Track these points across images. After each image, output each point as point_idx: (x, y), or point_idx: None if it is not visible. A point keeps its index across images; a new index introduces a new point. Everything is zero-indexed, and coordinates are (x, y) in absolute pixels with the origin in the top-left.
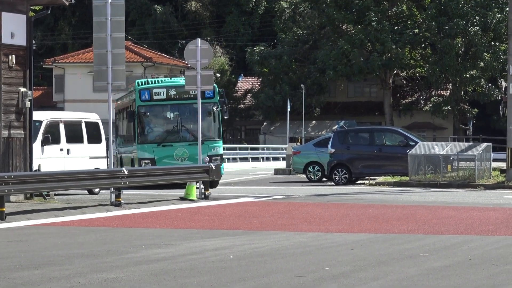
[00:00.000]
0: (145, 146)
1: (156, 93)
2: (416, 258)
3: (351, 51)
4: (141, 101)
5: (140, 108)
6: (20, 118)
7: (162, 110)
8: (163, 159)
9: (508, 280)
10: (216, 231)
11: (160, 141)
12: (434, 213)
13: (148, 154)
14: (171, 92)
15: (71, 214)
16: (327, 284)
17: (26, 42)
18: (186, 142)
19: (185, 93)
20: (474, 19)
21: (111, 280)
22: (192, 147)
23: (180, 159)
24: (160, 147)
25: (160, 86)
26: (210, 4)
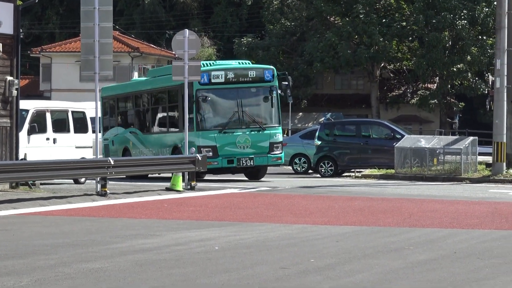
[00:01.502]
0: (205, 133)
1: (214, 76)
2: (401, 251)
3: (338, 43)
4: (200, 85)
5: (200, 92)
6: (6, 107)
7: (221, 94)
8: (225, 146)
9: (493, 273)
10: (202, 222)
11: (222, 128)
12: (419, 206)
13: (209, 142)
14: (229, 75)
15: (57, 203)
16: (312, 276)
17: (13, 31)
18: (248, 129)
19: (244, 76)
20: (461, 12)
21: (96, 270)
22: (253, 134)
23: (242, 146)
24: (222, 134)
25: (219, 69)
26: None
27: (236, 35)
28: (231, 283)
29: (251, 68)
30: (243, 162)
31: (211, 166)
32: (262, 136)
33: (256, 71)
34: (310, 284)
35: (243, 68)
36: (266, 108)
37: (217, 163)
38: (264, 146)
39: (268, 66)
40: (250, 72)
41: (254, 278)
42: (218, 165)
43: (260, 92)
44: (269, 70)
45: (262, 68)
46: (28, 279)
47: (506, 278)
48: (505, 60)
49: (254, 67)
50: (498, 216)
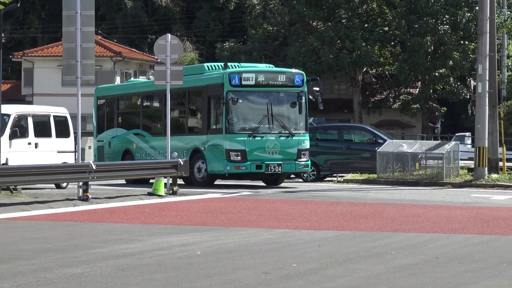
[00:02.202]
0: (234, 136)
1: (245, 78)
2: (383, 256)
3: (321, 48)
4: (231, 86)
5: (230, 94)
6: None
7: (251, 97)
8: (254, 151)
9: (475, 278)
10: (184, 227)
11: (251, 132)
12: (401, 211)
13: (238, 145)
14: (260, 78)
15: (38, 208)
16: (294, 281)
17: None
18: (277, 134)
19: (274, 79)
20: (443, 17)
21: (78, 275)
22: (282, 140)
23: (271, 152)
24: (251, 138)
25: (249, 71)
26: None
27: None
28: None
29: (281, 72)
30: (271, 168)
31: (240, 171)
32: (290, 142)
33: (286, 75)
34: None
35: (273, 71)
36: (295, 113)
37: (245, 168)
38: (292, 152)
39: (298, 71)
40: (281, 76)
41: (236, 283)
42: (246, 170)
43: (289, 97)
44: (299, 75)
45: (292, 72)
46: (9, 284)
47: (488, 283)
48: (487, 65)
49: (284, 71)
50: (479, 221)
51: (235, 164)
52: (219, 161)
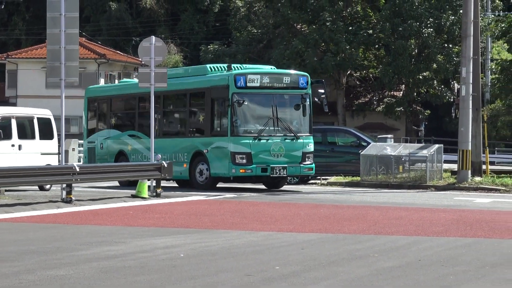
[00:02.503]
0: (240, 139)
1: (250, 80)
2: (366, 258)
3: (305, 50)
4: (237, 88)
5: (236, 96)
6: None
7: (256, 99)
8: (259, 154)
9: (457, 281)
10: (167, 229)
11: (257, 134)
12: (385, 214)
13: (244, 148)
14: (264, 80)
15: (22, 210)
16: (277, 283)
17: None
18: (282, 137)
19: (279, 81)
20: (428, 21)
21: (61, 277)
22: (287, 143)
23: (276, 155)
24: (257, 141)
25: (254, 72)
26: (165, 1)
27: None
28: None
29: (286, 74)
30: (276, 171)
31: (245, 174)
32: (295, 145)
33: (291, 77)
34: None
35: (278, 73)
36: (299, 116)
37: (251, 171)
38: (297, 155)
39: (303, 73)
40: (285, 78)
41: (219, 285)
42: (252, 173)
43: (294, 99)
44: (304, 77)
45: (296, 75)
46: None
47: (470, 286)
48: (471, 68)
49: (289, 73)
50: (463, 223)
51: (241, 167)
52: (224, 164)
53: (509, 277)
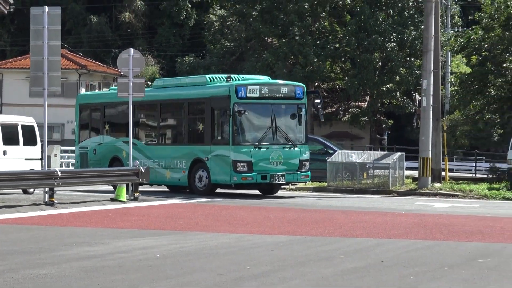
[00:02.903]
0: (241, 148)
1: (250, 90)
2: (332, 259)
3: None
4: (238, 98)
5: (237, 106)
6: None
7: (256, 109)
8: (260, 162)
9: (417, 281)
10: (144, 231)
11: (257, 143)
12: (350, 218)
13: (245, 156)
14: (263, 90)
15: (6, 212)
16: (248, 283)
17: None
18: (280, 145)
19: (277, 91)
20: (391, 35)
21: (43, 276)
22: (286, 151)
23: (275, 163)
24: (257, 150)
25: (254, 83)
26: (143, 15)
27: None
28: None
29: (283, 85)
30: (276, 178)
31: (247, 182)
32: (293, 153)
33: (288, 88)
34: None
35: (276, 84)
36: (296, 125)
37: (252, 178)
38: (294, 163)
39: (299, 84)
40: (283, 88)
41: (193, 284)
42: (253, 180)
43: (291, 109)
44: (300, 88)
45: (293, 85)
46: None
47: (430, 285)
48: (431, 81)
49: (286, 84)
50: (423, 227)
51: (242, 174)
52: (225, 171)
53: (465, 277)
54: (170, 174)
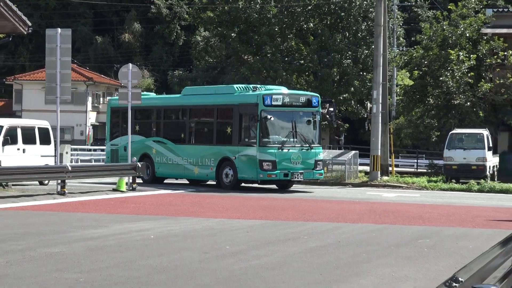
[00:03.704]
0: (266, 149)
1: (275, 99)
2: (298, 240)
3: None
4: (264, 106)
5: (264, 113)
6: None
7: (279, 116)
8: (282, 161)
9: (368, 257)
10: (141, 216)
11: (280, 145)
12: (312, 205)
13: (270, 157)
14: (285, 99)
15: (25, 200)
16: (227, 259)
17: None
18: (299, 147)
19: (297, 100)
20: (347, 54)
21: (55, 254)
22: (303, 152)
23: (295, 162)
24: (280, 151)
25: (278, 93)
26: (140, 36)
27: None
28: (163, 264)
29: (302, 94)
30: (295, 176)
31: (271, 178)
32: (309, 154)
33: (306, 97)
34: (226, 265)
35: (296, 94)
36: (312, 129)
37: (275, 176)
38: (311, 163)
39: (315, 94)
40: (301, 97)
41: (181, 260)
42: (276, 177)
43: (308, 116)
44: (316, 97)
45: (310, 95)
46: (2, 260)
47: (378, 261)
48: (380, 91)
49: (304, 94)
50: (373, 213)
51: (267, 172)
52: (252, 169)
53: (409, 255)
54: (198, 170)
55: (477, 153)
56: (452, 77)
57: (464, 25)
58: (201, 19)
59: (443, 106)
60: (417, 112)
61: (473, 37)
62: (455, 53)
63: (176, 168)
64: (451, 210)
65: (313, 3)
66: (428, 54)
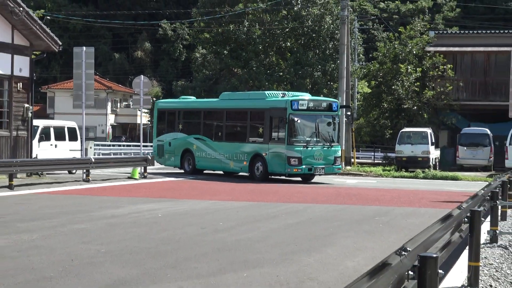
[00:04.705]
0: (293, 147)
1: (301, 104)
2: (278, 217)
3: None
4: (292, 110)
5: (292, 116)
6: (24, 124)
7: (304, 118)
8: (307, 158)
9: (335, 231)
10: (151, 199)
11: (305, 144)
12: (289, 190)
13: (296, 154)
14: (310, 104)
15: (56, 186)
16: (221, 233)
17: (29, 74)
18: (321, 145)
19: (319, 105)
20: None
21: (81, 230)
22: (325, 150)
23: (318, 158)
24: (305, 148)
25: (303, 99)
26: (150, 53)
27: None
28: (169, 237)
29: (324, 100)
30: (318, 170)
31: (297, 173)
32: (330, 152)
33: (327, 103)
34: (220, 238)
35: (318, 100)
36: (332, 130)
37: (301, 170)
38: (331, 159)
39: (334, 100)
40: (323, 103)
41: (184, 234)
42: (302, 172)
43: (329, 118)
44: (336, 103)
45: (331, 101)
46: (37, 235)
47: (343, 234)
48: (344, 98)
49: (326, 100)
50: (339, 195)
51: (294, 167)
52: (280, 164)
53: (367, 229)
54: (233, 164)
55: (422, 148)
56: (402, 86)
57: (412, 44)
58: (199, 39)
59: (395, 109)
60: (374, 114)
61: (419, 54)
62: (404, 67)
63: (213, 162)
64: (401, 193)
65: (289, 26)
66: (383, 67)
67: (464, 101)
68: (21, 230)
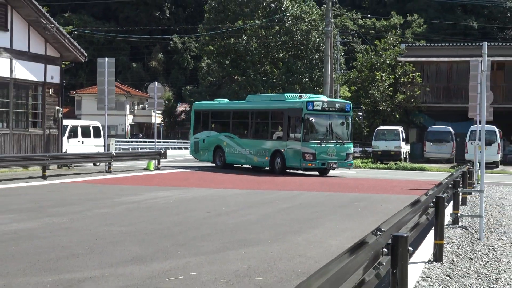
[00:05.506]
0: (308, 144)
1: (316, 105)
2: (272, 203)
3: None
4: (307, 110)
5: (307, 115)
6: (55, 124)
7: (319, 118)
8: (320, 154)
9: (321, 215)
10: (164, 187)
11: (319, 141)
12: (283, 180)
13: (311, 150)
14: (324, 105)
15: (83, 176)
16: (223, 217)
17: (59, 81)
18: (334, 143)
19: (332, 106)
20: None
21: (104, 214)
22: (337, 147)
23: (331, 154)
24: (319, 145)
25: (318, 100)
26: (163, 63)
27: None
28: (179, 220)
29: (337, 102)
30: (331, 165)
31: (311, 167)
32: (342, 148)
33: (340, 104)
34: (222, 221)
35: (332, 101)
36: (344, 129)
37: (315, 164)
38: (343, 155)
39: (347, 101)
40: (337, 104)
41: (191, 217)
42: (316, 166)
43: (342, 118)
44: (348, 104)
45: (344, 102)
46: (66, 218)
47: (329, 217)
48: None
49: (339, 101)
50: (324, 184)
51: (309, 162)
52: (296, 159)
53: (349, 213)
54: (257, 159)
55: (395, 143)
56: (378, 91)
57: (386, 55)
58: (204, 51)
59: (372, 110)
60: (353, 115)
61: (392, 63)
62: (379, 74)
63: (240, 157)
64: (377, 182)
65: (281, 40)
66: (361, 75)
67: (430, 103)
68: (52, 214)
